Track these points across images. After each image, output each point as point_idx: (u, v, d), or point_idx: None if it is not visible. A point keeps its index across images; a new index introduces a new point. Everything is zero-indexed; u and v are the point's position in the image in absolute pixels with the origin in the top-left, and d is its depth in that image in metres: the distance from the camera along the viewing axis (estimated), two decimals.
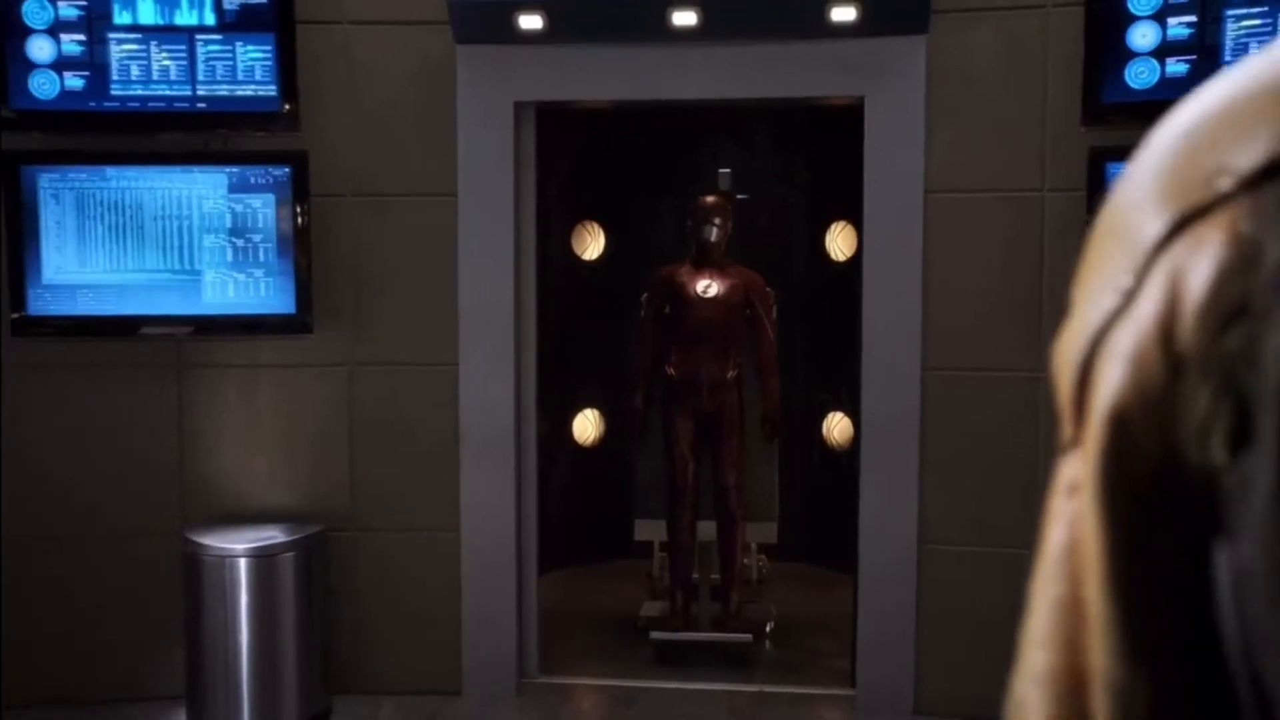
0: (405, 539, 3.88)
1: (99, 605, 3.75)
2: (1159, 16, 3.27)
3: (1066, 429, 0.36)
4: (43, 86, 3.52)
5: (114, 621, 3.75)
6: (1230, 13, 3.20)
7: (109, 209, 3.58)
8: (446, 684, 3.87)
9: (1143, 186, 0.35)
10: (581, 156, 5.34)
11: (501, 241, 3.84)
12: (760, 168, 5.44)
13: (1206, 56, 3.20)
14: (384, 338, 3.82)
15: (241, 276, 3.60)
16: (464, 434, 3.85)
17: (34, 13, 3.48)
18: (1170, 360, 0.32)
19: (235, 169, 3.59)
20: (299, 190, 3.59)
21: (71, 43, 3.52)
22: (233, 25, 3.52)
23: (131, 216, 3.57)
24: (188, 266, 3.58)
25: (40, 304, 3.59)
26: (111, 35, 3.52)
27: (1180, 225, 0.33)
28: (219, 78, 3.55)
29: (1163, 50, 3.27)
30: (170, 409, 3.81)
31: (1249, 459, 0.30)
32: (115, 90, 3.54)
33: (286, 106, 3.56)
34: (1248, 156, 0.32)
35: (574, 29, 3.65)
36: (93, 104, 3.54)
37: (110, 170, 3.58)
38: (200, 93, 3.56)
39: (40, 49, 3.51)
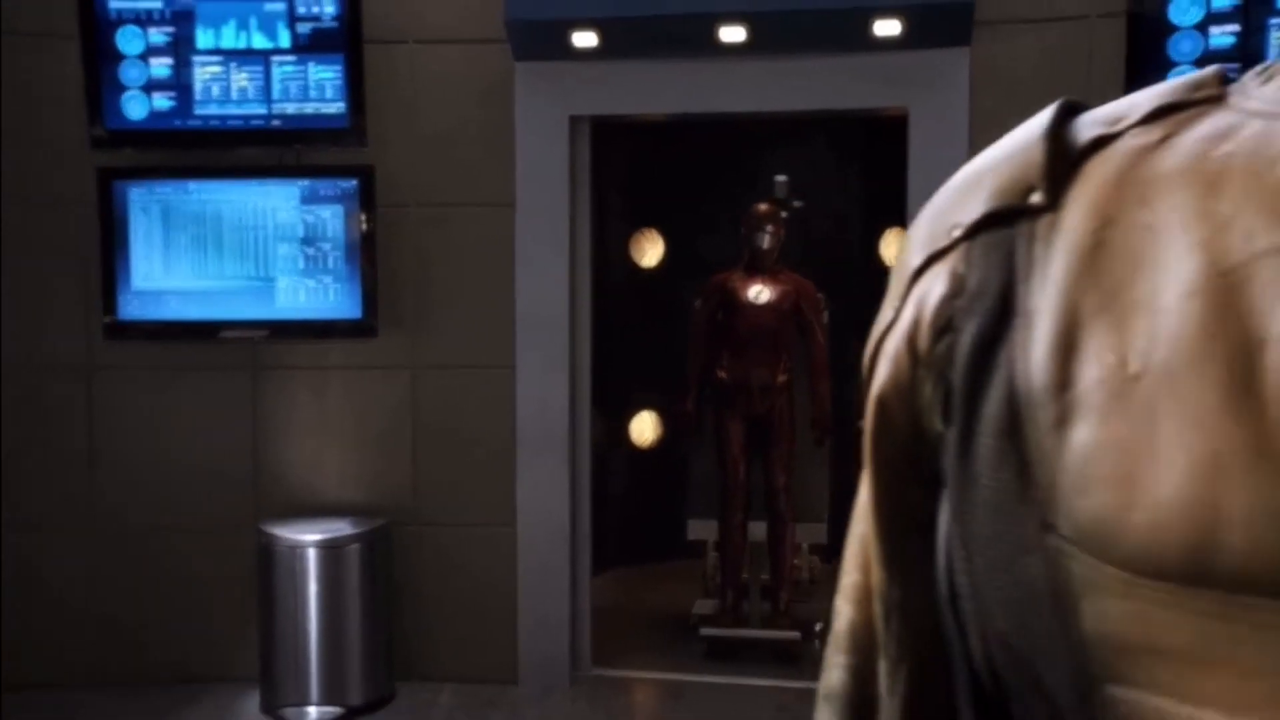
0: (464, 533, 4.06)
1: (182, 591, 4.00)
2: (1201, 26, 3.30)
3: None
4: (134, 107, 3.79)
5: (195, 607, 4.00)
6: (1274, 21, 3.22)
7: (192, 220, 3.83)
8: (503, 674, 4.04)
9: (916, 231, 0.49)
10: (641, 166, 5.50)
11: (557, 250, 4.00)
12: (817, 175, 5.53)
13: (1249, 66, 3.22)
14: (445, 341, 4.02)
15: (312, 283, 3.82)
16: (520, 435, 4.02)
17: (127, 40, 3.75)
18: (913, 359, 0.46)
19: (306, 182, 3.82)
20: (366, 202, 3.80)
21: (160, 66, 3.78)
22: (305, 47, 3.75)
23: (212, 227, 3.82)
24: (262, 274, 3.82)
25: (130, 309, 3.85)
26: (195, 59, 3.77)
27: (929, 262, 0.47)
28: (292, 96, 3.78)
29: (1205, 59, 3.30)
30: (246, 408, 4.05)
31: (949, 428, 0.44)
32: (198, 110, 3.79)
33: (354, 123, 3.77)
34: (969, 214, 0.45)
35: (626, 46, 3.80)
36: (178, 123, 3.80)
37: (192, 184, 3.84)
38: (275, 111, 3.79)
39: (132, 73, 3.77)
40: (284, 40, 3.75)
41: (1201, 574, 0.34)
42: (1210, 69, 0.44)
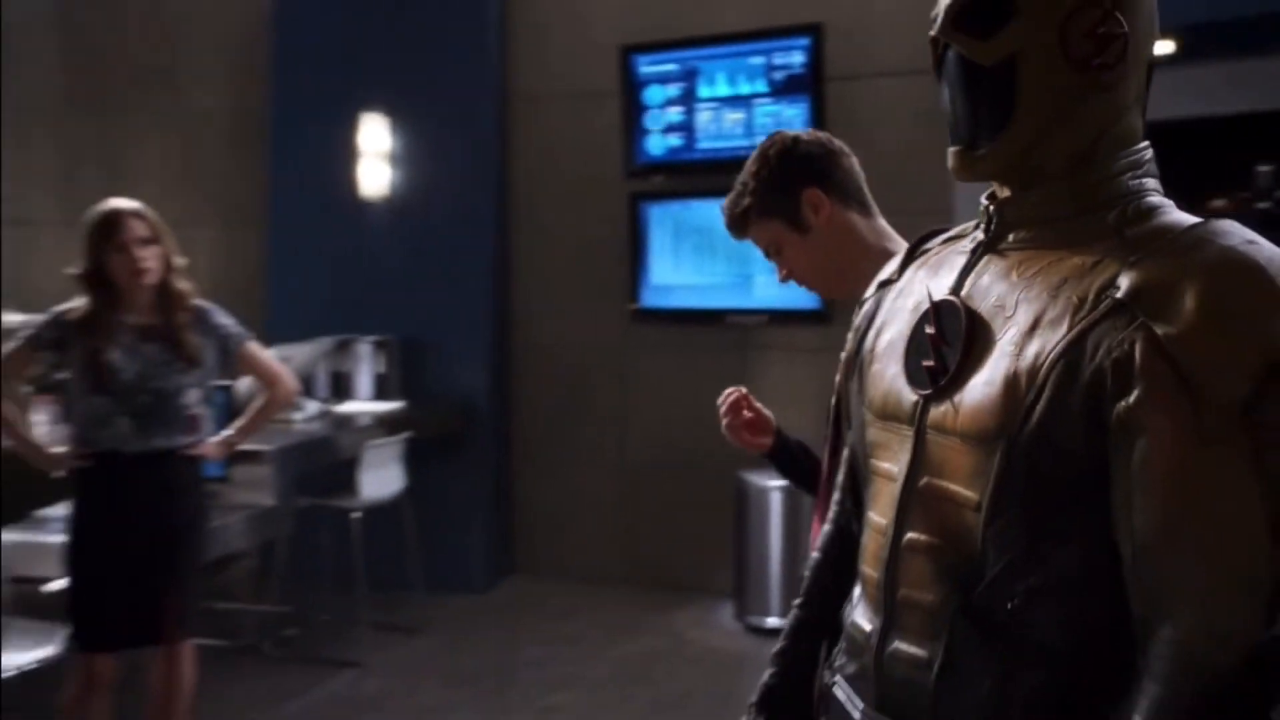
0: None
1: (678, 518, 5.17)
2: None
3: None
4: (655, 145, 4.98)
5: (686, 531, 5.15)
6: None
7: (693, 231, 4.95)
8: None
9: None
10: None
11: None
12: None
13: None
14: None
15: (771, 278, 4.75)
16: None
17: (652, 95, 4.96)
18: (853, 345, 1.23)
19: None
20: None
21: (674, 113, 4.94)
22: (779, 91, 4.68)
23: (707, 236, 4.90)
24: (743, 271, 4.83)
25: (649, 299, 5.08)
26: (698, 105, 4.87)
27: (862, 302, 1.24)
28: (768, 131, 4.71)
29: None
30: (738, 379, 5.10)
31: (854, 374, 1.19)
32: (700, 145, 4.89)
33: None
34: (884, 274, 1.21)
35: None
36: (685, 156, 4.93)
37: (695, 203, 4.94)
38: (756, 143, 4.75)
39: (655, 119, 4.97)
40: (762, 86, 4.72)
41: (885, 414, 1.09)
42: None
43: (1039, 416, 0.95)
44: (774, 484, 4.72)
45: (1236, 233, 0.95)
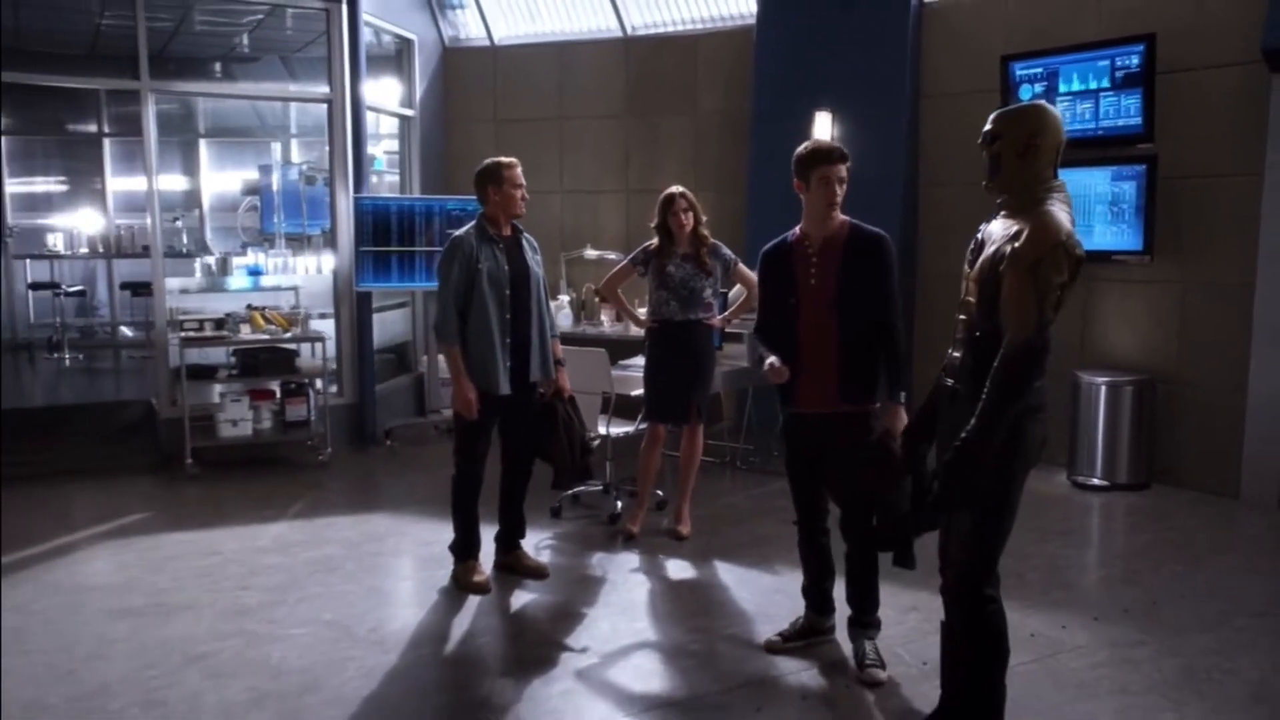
0: (1204, 396, 6.18)
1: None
2: None
3: None
4: None
5: None
6: None
7: None
8: (1227, 490, 6.08)
9: None
10: None
11: None
12: None
13: None
14: (1202, 265, 6.14)
15: (1118, 228, 6.32)
16: (1256, 328, 5.93)
17: (1024, 92, 6.68)
18: None
19: (1115, 168, 6.31)
20: (1150, 177, 6.13)
21: None
22: (1119, 86, 6.22)
23: None
24: (1086, 223, 6.44)
25: None
26: (1058, 99, 6.52)
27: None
28: (1113, 117, 6.28)
29: None
30: (1076, 313, 6.73)
31: None
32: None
33: (1146, 130, 6.11)
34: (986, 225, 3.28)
35: None
36: None
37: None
38: (1102, 126, 6.34)
39: None
40: (1106, 83, 6.28)
41: (965, 277, 3.19)
42: None
43: (989, 273, 2.97)
44: (1100, 380, 6.35)
45: (1050, 210, 2.89)
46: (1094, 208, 6.44)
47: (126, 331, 11.15)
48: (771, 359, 3.84)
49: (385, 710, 3.65)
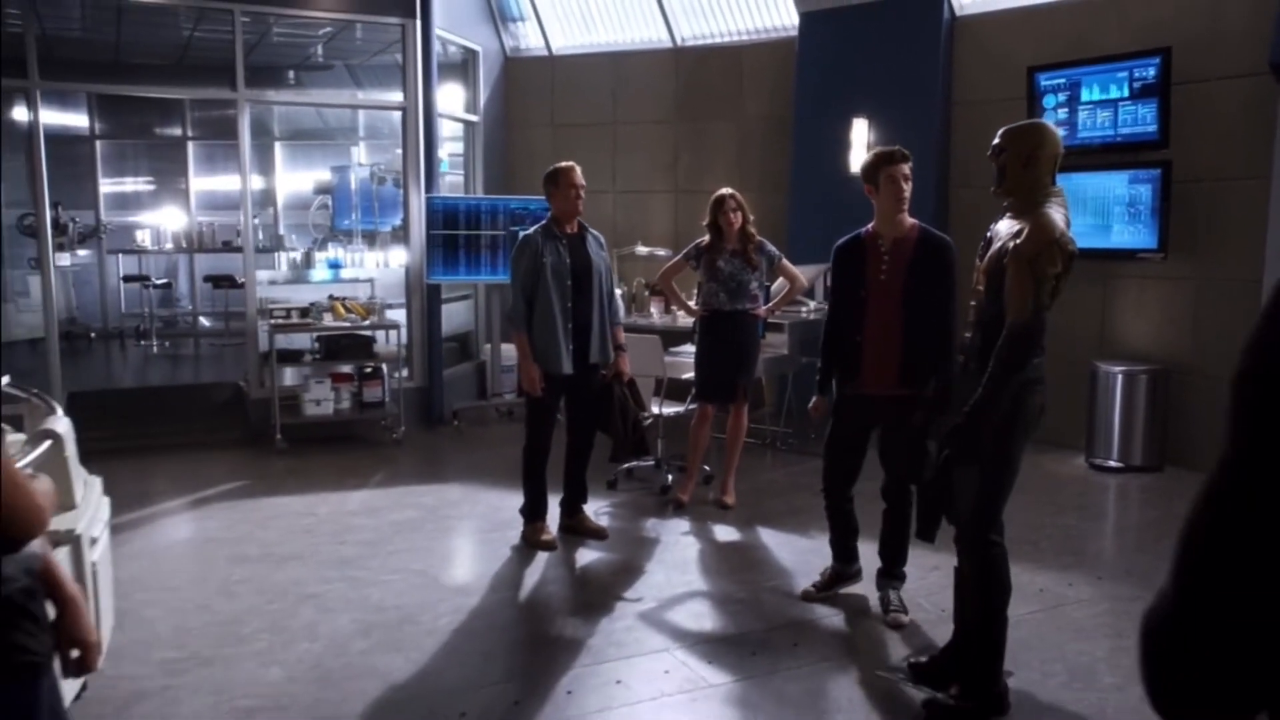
0: (1217, 385, 6.63)
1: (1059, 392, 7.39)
2: None
3: None
4: None
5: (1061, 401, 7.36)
6: None
7: (1072, 195, 7.08)
8: None
9: None
10: None
11: None
12: None
13: None
14: (1212, 262, 6.60)
15: (1134, 227, 6.80)
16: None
17: (1049, 101, 7.16)
18: None
19: (1131, 171, 6.78)
20: (1165, 180, 6.60)
21: (1061, 112, 7.11)
22: (1136, 95, 6.70)
23: (1081, 198, 7.04)
24: (1105, 224, 6.91)
25: None
26: (1080, 107, 7.00)
27: None
28: (1130, 124, 6.75)
29: None
30: (1096, 307, 7.20)
31: None
32: (1080, 134, 7.02)
33: (1161, 137, 6.58)
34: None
35: None
36: (1067, 142, 7.04)
37: (1075, 175, 7.06)
38: (1121, 132, 6.82)
39: (1048, 117, 7.17)
40: (1124, 93, 6.75)
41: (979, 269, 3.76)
42: None
43: (995, 265, 3.51)
44: (1118, 369, 6.83)
45: (1047, 212, 3.43)
46: (1112, 209, 6.92)
47: (204, 321, 11.93)
48: (815, 400, 4.50)
49: (473, 639, 4.27)
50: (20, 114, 9.57)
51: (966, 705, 3.62)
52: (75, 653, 2.11)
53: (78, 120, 11.71)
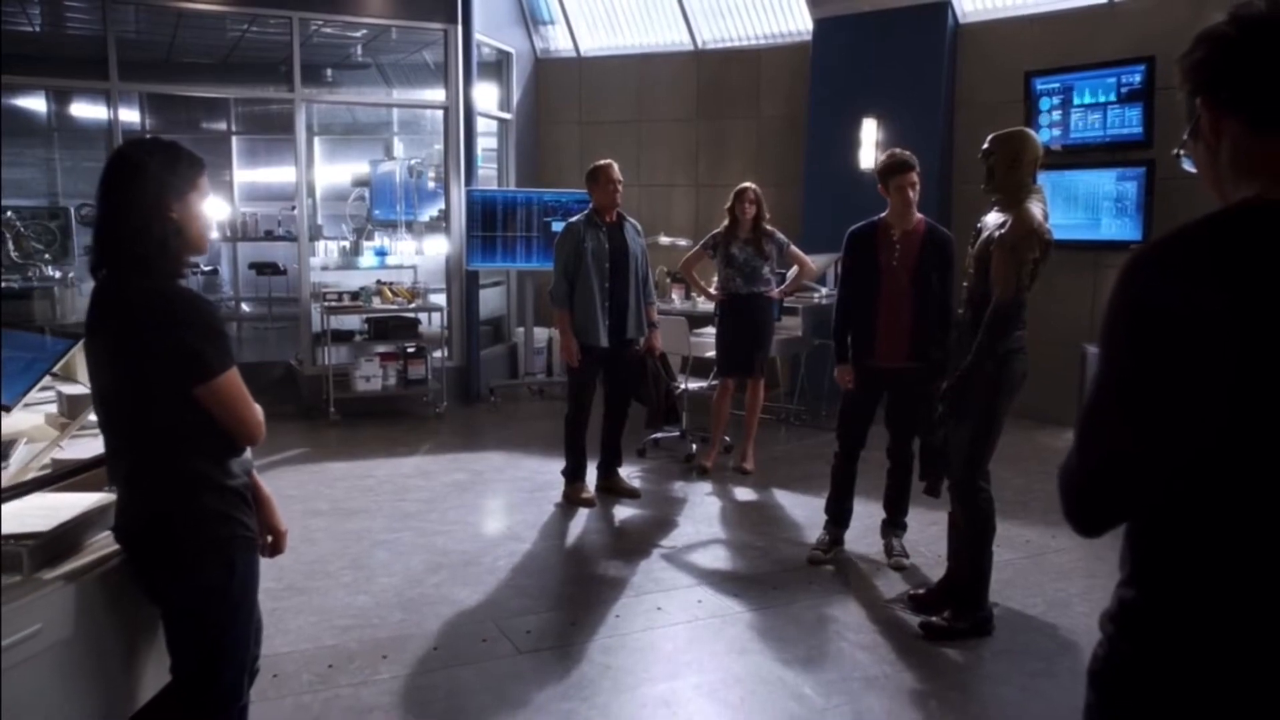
0: None
1: (1051, 376, 7.99)
2: None
3: None
4: (1042, 137, 7.77)
5: (1055, 379, 7.96)
6: None
7: (1063, 190, 7.69)
8: None
9: None
10: None
11: None
12: None
13: None
14: None
15: (1118, 221, 7.38)
16: None
17: (1044, 104, 7.75)
18: None
19: (1119, 169, 7.37)
20: (1150, 178, 7.20)
21: (1055, 114, 7.70)
22: (1123, 100, 7.29)
23: (1071, 193, 7.62)
24: (1095, 219, 7.50)
25: None
26: (1072, 110, 7.59)
27: None
28: (1118, 126, 7.35)
29: None
30: (1093, 289, 7.78)
31: None
32: (1072, 135, 7.61)
33: (1146, 137, 7.17)
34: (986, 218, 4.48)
35: None
36: (1060, 142, 7.68)
37: (1067, 172, 7.66)
38: (1110, 134, 7.41)
39: (1043, 119, 7.76)
40: (1112, 97, 7.35)
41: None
42: None
43: (983, 252, 4.12)
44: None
45: (1028, 207, 4.03)
46: (1101, 204, 7.51)
47: (245, 307, 12.59)
48: (839, 368, 5.03)
49: (529, 576, 4.91)
50: (100, 112, 10.19)
51: (958, 625, 4.25)
52: (269, 538, 2.77)
53: (130, 116, 12.32)
